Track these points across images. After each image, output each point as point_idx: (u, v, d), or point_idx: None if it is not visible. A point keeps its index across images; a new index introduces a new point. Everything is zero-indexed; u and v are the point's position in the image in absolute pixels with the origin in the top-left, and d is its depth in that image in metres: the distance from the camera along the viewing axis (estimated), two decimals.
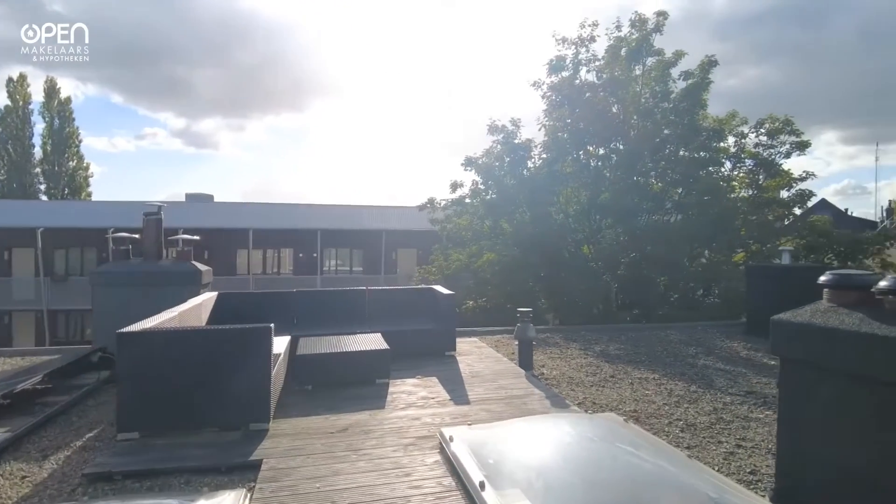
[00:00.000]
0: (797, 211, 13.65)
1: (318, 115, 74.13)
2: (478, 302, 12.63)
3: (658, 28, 12.92)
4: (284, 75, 64.56)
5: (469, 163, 13.34)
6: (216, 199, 28.14)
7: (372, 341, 4.92)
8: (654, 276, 11.86)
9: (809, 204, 14.28)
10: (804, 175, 12.86)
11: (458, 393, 4.36)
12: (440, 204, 14.64)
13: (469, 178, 15.02)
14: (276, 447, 3.27)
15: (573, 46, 13.40)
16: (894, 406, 1.95)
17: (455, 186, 13.87)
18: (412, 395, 4.33)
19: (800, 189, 13.00)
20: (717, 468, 3.11)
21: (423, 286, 6.98)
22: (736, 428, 3.85)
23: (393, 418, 3.79)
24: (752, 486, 2.90)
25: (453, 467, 2.91)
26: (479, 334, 7.14)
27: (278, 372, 4.07)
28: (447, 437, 3.18)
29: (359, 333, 5.27)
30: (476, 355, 5.68)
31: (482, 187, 13.51)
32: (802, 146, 12.65)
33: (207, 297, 5.55)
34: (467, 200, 13.91)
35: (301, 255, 24.98)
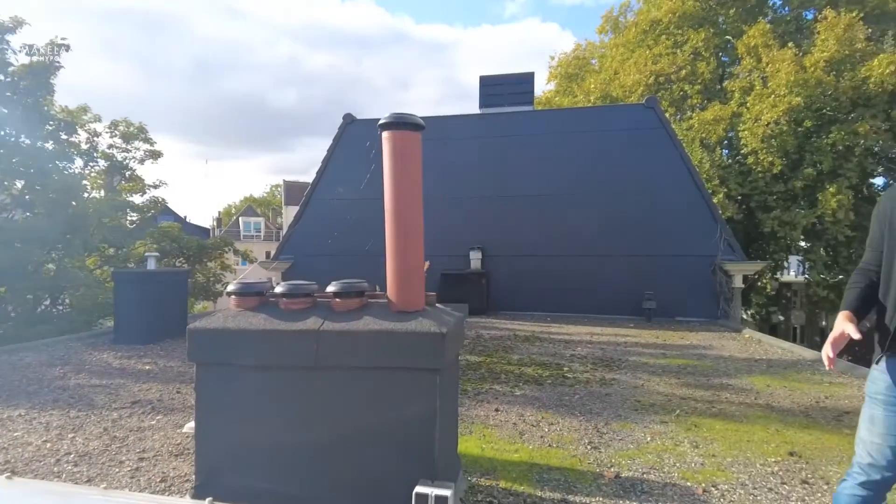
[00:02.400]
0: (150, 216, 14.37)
1: None
2: None
3: None
4: None
5: None
6: None
7: None
8: None
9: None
10: (158, 183, 13.72)
11: None
12: None
13: None
14: None
15: None
16: (299, 387, 2.57)
17: None
18: None
19: (154, 196, 13.76)
20: (129, 489, 2.97)
21: None
22: (133, 442, 3.76)
23: None
24: (167, 493, 2.97)
25: None
26: None
27: None
28: None
29: None
30: None
31: None
32: (155, 155, 13.43)
33: None
34: None
35: None
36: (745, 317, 10.81)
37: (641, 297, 10.55)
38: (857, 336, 1.74)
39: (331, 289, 2.79)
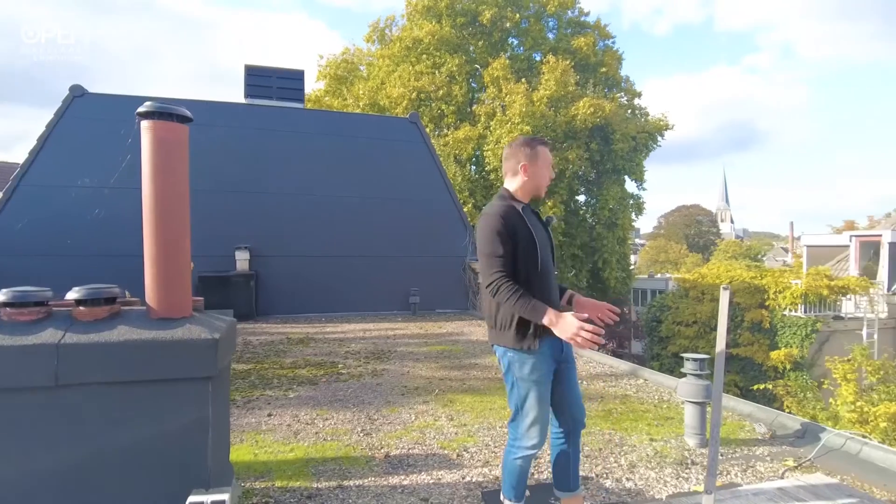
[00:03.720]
0: None
1: None
2: None
3: None
4: None
5: None
6: None
7: None
8: None
9: None
10: None
11: None
12: None
13: None
14: None
15: None
16: (36, 410, 2.17)
17: None
18: None
19: None
20: None
21: None
22: None
23: None
24: None
25: None
26: None
27: None
28: None
29: None
30: None
31: None
32: None
33: None
34: None
35: None
36: None
37: (408, 294, 11.44)
38: (602, 325, 2.20)
39: (72, 295, 2.43)
